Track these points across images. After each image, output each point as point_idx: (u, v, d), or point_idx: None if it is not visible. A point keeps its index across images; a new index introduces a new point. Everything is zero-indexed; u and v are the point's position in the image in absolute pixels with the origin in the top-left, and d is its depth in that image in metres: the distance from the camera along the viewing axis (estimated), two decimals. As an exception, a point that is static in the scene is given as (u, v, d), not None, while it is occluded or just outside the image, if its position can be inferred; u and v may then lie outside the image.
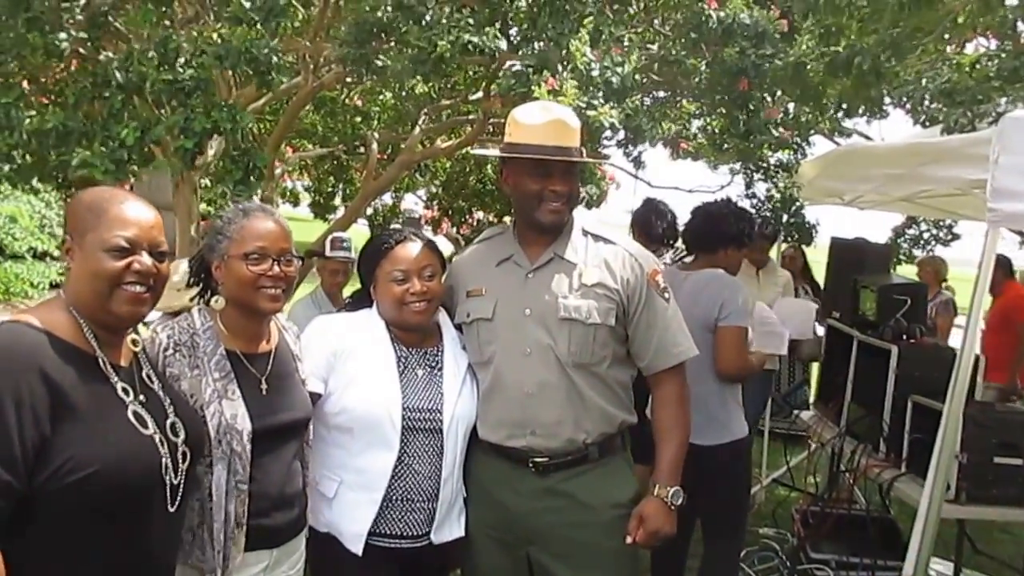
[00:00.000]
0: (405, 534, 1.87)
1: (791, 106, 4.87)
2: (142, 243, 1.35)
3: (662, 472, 1.93)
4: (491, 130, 6.62)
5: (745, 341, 2.71)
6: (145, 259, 1.35)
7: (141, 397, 1.39)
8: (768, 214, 6.26)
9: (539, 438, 1.90)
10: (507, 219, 7.18)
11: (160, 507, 1.36)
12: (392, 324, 1.96)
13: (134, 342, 1.45)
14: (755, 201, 6.39)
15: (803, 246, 6.03)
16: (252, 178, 3.27)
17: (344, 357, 1.89)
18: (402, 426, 1.85)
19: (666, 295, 1.98)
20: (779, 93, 4.43)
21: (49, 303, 1.38)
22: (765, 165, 5.25)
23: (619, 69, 3.66)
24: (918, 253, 9.35)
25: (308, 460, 1.83)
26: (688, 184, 7.49)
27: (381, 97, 7.97)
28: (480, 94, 6.41)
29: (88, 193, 1.41)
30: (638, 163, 6.85)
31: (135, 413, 1.35)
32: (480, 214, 10.76)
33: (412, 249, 1.95)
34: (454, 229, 10.69)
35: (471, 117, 6.85)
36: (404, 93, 7.39)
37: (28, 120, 3.12)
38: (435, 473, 1.89)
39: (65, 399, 1.25)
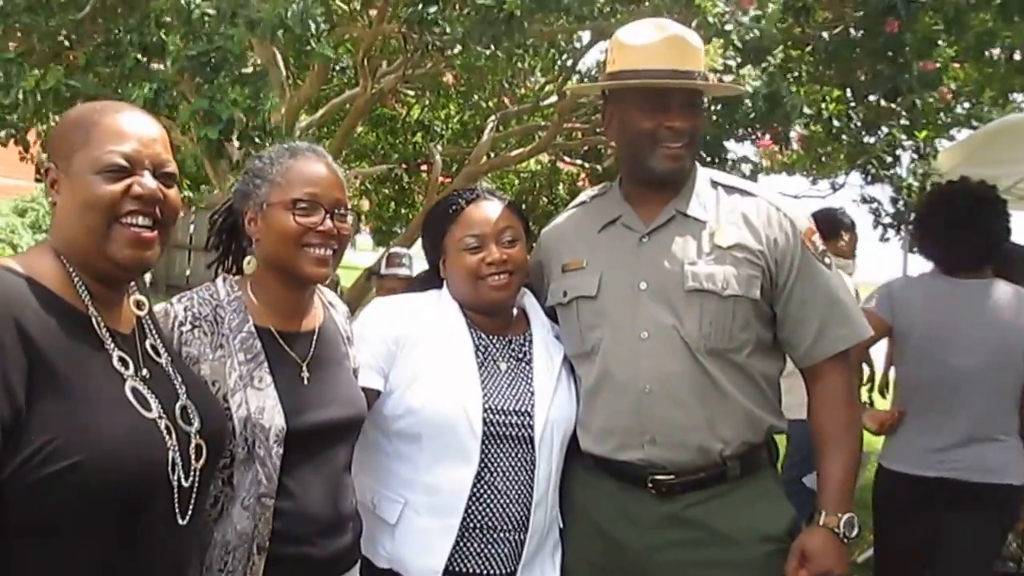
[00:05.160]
0: (485, 572, 1.56)
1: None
2: (143, 160, 1.12)
3: (830, 494, 1.56)
4: (565, 135, 6.34)
5: None
6: (148, 181, 1.12)
7: (144, 372, 1.14)
8: (890, 220, 5.72)
9: (661, 448, 1.56)
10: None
11: (166, 517, 1.10)
12: (467, 305, 1.67)
13: (138, 304, 1.21)
14: (875, 205, 5.87)
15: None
16: None
17: (409, 346, 1.61)
18: (483, 432, 1.54)
19: (827, 260, 1.61)
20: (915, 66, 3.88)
21: (34, 248, 1.16)
22: (891, 157, 4.73)
23: (758, 23, 3.21)
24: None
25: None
26: (793, 189, 7.01)
27: (444, 112, 7.82)
28: (554, 98, 6.17)
29: (75, 109, 1.20)
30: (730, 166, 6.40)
31: (134, 390, 1.10)
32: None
33: (488, 209, 1.67)
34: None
35: (543, 124, 6.63)
36: (469, 104, 7.17)
37: (27, 80, 2.95)
38: (525, 494, 1.57)
39: (46, 364, 1.02)
